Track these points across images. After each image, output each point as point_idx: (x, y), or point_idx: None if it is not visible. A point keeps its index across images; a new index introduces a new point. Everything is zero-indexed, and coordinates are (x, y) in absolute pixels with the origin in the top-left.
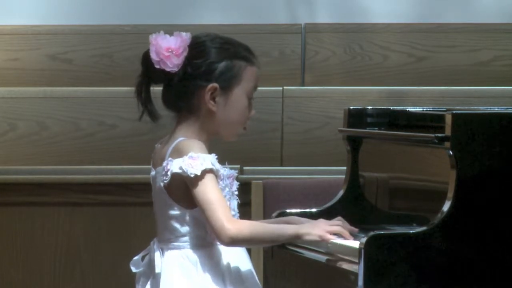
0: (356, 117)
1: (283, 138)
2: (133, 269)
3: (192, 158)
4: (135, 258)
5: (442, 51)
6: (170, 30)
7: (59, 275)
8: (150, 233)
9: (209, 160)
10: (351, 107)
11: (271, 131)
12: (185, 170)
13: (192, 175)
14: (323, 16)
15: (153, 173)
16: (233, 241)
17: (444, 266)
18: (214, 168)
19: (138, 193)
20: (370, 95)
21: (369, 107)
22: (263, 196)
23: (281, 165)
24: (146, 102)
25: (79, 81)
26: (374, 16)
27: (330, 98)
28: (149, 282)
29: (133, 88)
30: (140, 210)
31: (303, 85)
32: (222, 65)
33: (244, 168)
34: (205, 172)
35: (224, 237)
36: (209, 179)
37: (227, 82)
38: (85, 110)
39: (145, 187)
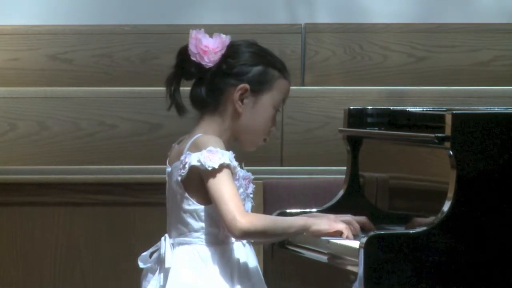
0: (356, 117)
1: (283, 138)
2: (141, 265)
3: (211, 152)
4: (144, 254)
5: (442, 51)
6: (170, 30)
7: (59, 275)
8: (150, 233)
9: (227, 156)
10: (351, 107)
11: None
12: (203, 163)
13: (210, 168)
14: (323, 16)
15: (168, 169)
16: (245, 234)
17: (444, 266)
18: (232, 164)
19: (138, 193)
20: (370, 95)
21: (369, 107)
22: (263, 196)
23: (281, 165)
24: (174, 94)
25: (79, 81)
26: (374, 16)
27: (330, 98)
28: (156, 277)
29: (133, 88)
30: (140, 210)
31: (303, 85)
32: (256, 69)
33: (244, 168)
34: (222, 166)
35: (235, 229)
36: (225, 173)
37: (258, 87)
38: (85, 110)
39: (145, 187)
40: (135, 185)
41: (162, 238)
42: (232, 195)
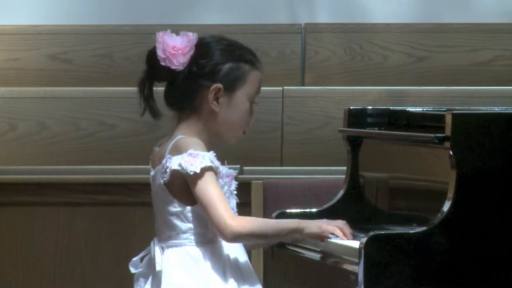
0: (356, 117)
1: (283, 138)
2: (132, 270)
3: (192, 156)
4: (134, 259)
5: (442, 51)
6: (170, 30)
7: (59, 275)
8: (150, 233)
9: (208, 158)
10: (351, 107)
11: (271, 131)
12: (185, 168)
13: (192, 173)
14: (323, 16)
15: (152, 173)
16: (236, 237)
17: (444, 266)
18: (214, 165)
19: (138, 193)
20: (370, 95)
21: (369, 107)
22: (263, 196)
23: (281, 165)
24: (148, 99)
25: (79, 81)
26: (374, 16)
27: (330, 98)
28: (149, 282)
29: (133, 88)
30: (140, 210)
31: (303, 85)
32: (227, 66)
33: (244, 168)
34: (204, 169)
35: (227, 233)
36: (208, 176)
37: (231, 84)
38: (85, 110)
39: (145, 187)
40: (135, 185)
41: (152, 242)
42: (220, 198)
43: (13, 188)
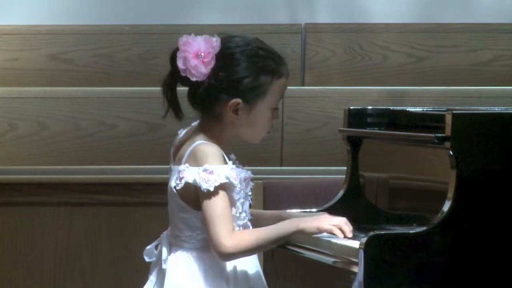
0: (356, 117)
1: (283, 138)
2: (147, 259)
3: (207, 172)
4: (148, 247)
5: (442, 51)
6: (170, 30)
7: (59, 275)
8: (150, 233)
9: (224, 174)
10: (351, 107)
11: (271, 131)
12: (198, 183)
13: (205, 190)
14: (323, 16)
15: (171, 165)
16: (228, 257)
17: (444, 266)
18: (228, 181)
19: (138, 193)
20: (370, 95)
21: (369, 107)
22: (263, 196)
23: (281, 165)
24: (171, 101)
25: (79, 81)
26: (374, 16)
27: (330, 98)
28: (154, 273)
29: (133, 88)
30: (140, 210)
31: (303, 85)
32: (247, 81)
33: (245, 168)
34: (218, 188)
35: (219, 253)
36: (219, 195)
37: (251, 98)
38: (85, 110)
39: (145, 187)
40: (135, 185)
41: (162, 234)
42: (222, 216)
43: (13, 188)
